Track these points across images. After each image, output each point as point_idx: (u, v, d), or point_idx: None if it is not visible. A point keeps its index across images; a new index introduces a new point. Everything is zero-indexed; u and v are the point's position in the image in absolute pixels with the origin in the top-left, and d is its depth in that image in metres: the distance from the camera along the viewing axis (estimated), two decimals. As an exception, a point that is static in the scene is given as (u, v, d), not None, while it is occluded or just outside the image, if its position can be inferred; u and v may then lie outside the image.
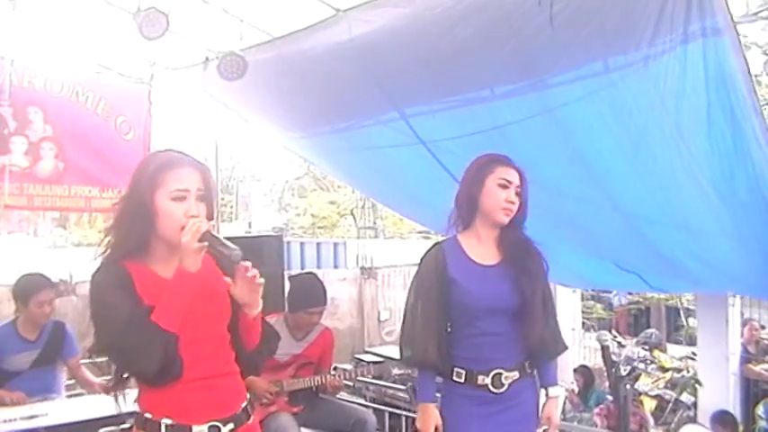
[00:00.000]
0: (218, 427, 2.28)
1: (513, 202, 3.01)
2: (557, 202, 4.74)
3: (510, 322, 3.01)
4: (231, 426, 2.32)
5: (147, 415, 2.27)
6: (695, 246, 4.52)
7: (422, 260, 3.13)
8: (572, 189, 4.60)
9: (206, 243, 2.23)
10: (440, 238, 3.31)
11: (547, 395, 3.15)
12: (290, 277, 5.10)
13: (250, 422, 2.41)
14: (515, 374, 3.01)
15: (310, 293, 4.72)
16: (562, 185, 4.61)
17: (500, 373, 2.99)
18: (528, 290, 3.00)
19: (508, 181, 3.01)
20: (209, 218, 2.33)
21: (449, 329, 3.06)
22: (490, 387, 2.98)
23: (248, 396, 2.46)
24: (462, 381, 3.01)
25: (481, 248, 3.07)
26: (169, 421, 2.24)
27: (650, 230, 4.62)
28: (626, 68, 3.60)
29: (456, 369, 3.02)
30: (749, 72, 3.25)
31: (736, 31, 3.17)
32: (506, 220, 3.02)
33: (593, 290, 11.53)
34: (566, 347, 3.23)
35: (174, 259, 2.25)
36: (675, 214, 4.30)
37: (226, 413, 2.32)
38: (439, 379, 3.12)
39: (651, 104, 3.61)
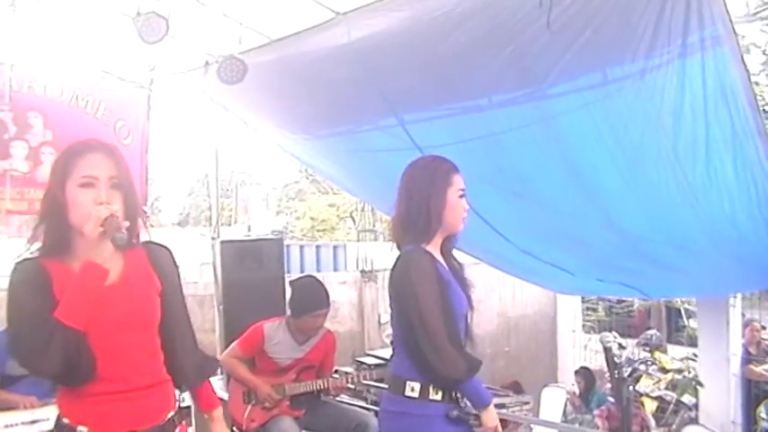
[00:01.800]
0: None
1: (467, 210, 2.98)
2: (551, 216, 4.73)
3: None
4: None
5: (65, 420, 2.18)
6: (693, 260, 4.52)
7: (414, 267, 2.85)
8: (566, 205, 4.58)
9: (100, 229, 2.07)
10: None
11: None
12: (291, 282, 5.10)
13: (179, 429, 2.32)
14: None
15: (314, 296, 4.73)
16: (556, 200, 4.60)
17: None
18: (470, 299, 2.99)
19: (463, 190, 2.95)
20: (131, 208, 2.21)
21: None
22: (459, 399, 2.88)
23: (178, 405, 2.35)
24: (440, 398, 2.84)
25: (438, 256, 2.97)
26: (84, 429, 2.14)
27: (647, 247, 4.60)
28: (623, 80, 3.55)
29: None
30: (750, 81, 3.19)
31: (737, 38, 3.13)
32: (462, 228, 2.99)
33: (585, 296, 11.49)
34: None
35: (98, 259, 2.11)
36: (673, 236, 4.28)
37: (147, 424, 2.21)
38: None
39: (648, 120, 3.57)
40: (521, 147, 4.34)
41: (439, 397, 2.83)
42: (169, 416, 2.28)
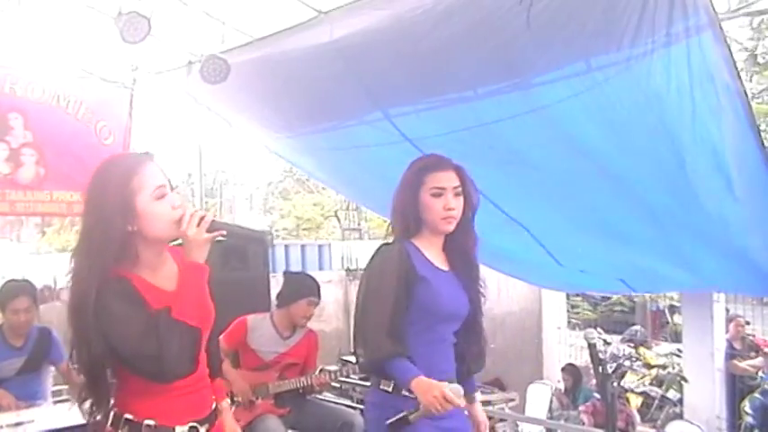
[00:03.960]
0: (196, 427, 2.28)
1: (452, 209, 2.84)
2: (543, 178, 4.72)
3: (456, 331, 2.94)
4: (207, 426, 2.33)
5: (128, 416, 2.22)
6: (684, 240, 4.54)
7: (378, 258, 2.92)
8: (560, 163, 4.55)
9: (223, 232, 2.21)
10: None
11: (473, 401, 3.10)
12: (286, 272, 5.19)
13: (217, 421, 2.43)
14: None
15: (309, 284, 4.83)
16: (549, 162, 4.58)
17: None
18: (476, 299, 2.96)
19: (441, 188, 2.84)
20: None
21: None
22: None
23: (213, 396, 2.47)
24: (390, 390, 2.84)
25: (433, 252, 2.94)
26: (152, 422, 2.20)
27: (640, 190, 4.58)
28: (608, 68, 3.59)
29: None
30: (732, 58, 3.25)
31: (720, 25, 3.18)
32: (451, 228, 2.88)
33: (570, 291, 11.50)
34: (484, 365, 3.14)
35: (161, 264, 2.25)
36: (665, 191, 4.29)
37: (204, 413, 2.32)
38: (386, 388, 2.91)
39: (634, 102, 3.61)
40: (511, 132, 4.36)
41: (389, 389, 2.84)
42: (214, 406, 2.42)
